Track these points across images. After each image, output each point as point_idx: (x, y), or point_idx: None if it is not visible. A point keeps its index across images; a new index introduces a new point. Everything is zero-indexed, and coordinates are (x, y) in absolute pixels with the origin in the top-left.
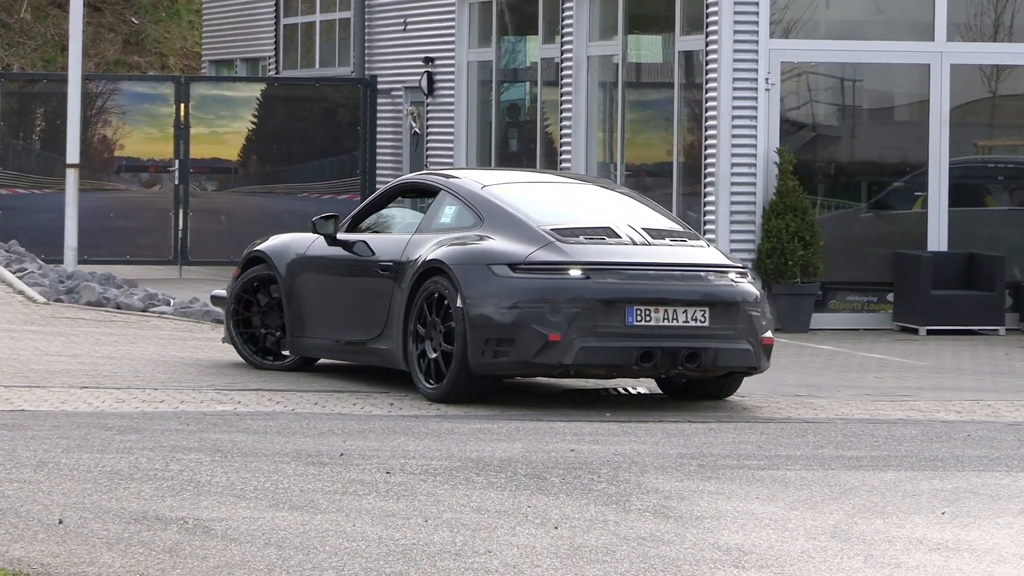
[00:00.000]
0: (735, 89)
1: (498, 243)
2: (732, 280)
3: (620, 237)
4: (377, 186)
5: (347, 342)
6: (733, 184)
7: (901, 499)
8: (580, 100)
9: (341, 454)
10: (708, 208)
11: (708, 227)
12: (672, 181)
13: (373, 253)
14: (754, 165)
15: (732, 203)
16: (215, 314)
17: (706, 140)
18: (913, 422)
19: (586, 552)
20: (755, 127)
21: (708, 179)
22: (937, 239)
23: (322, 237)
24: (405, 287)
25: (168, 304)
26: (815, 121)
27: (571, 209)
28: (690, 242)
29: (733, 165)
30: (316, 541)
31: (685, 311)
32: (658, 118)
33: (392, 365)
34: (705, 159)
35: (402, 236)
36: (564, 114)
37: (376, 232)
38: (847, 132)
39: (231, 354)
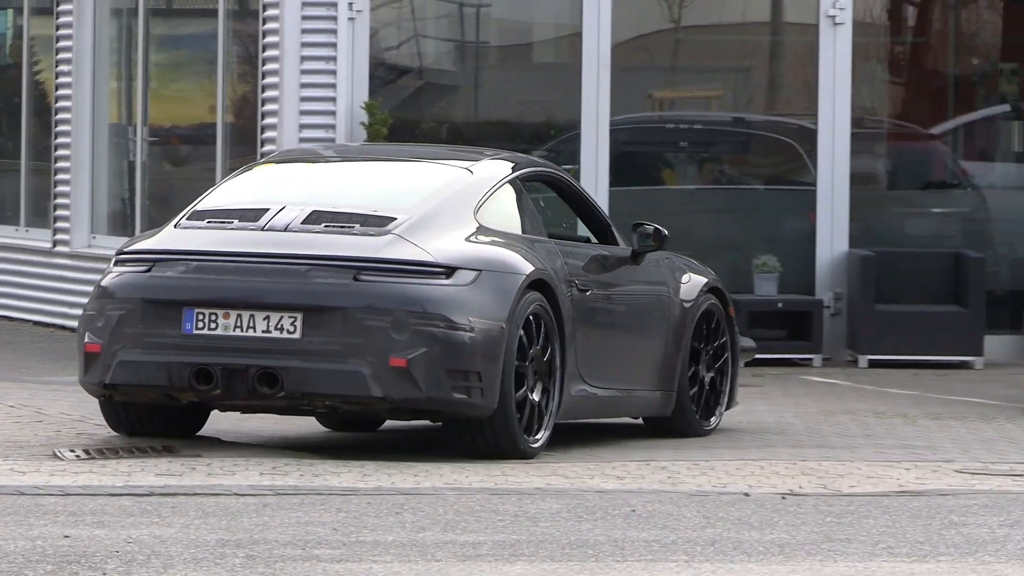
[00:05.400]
0: (305, 18)
1: (144, 234)
2: (362, 279)
3: (257, 221)
4: None
5: None
6: None
7: None
8: (85, 35)
9: None
10: None
11: None
12: (216, 150)
13: None
14: (333, 127)
15: None
16: None
17: (263, 92)
18: (555, 492)
19: None
20: (334, 72)
21: (267, 147)
22: None
23: None
24: None
25: None
26: (422, 65)
27: (273, 186)
28: (361, 228)
29: (303, 127)
30: None
31: (267, 318)
32: (197, 60)
33: None
34: (262, 119)
35: None
36: (61, 55)
37: None
38: (468, 80)
39: None
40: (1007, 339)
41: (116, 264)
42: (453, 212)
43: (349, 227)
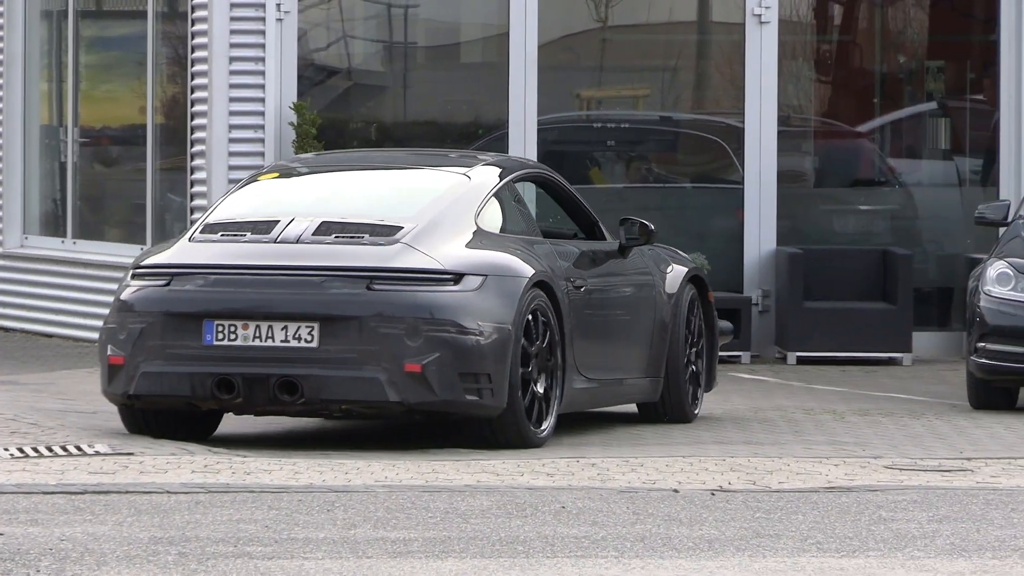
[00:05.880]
0: (233, 19)
1: (158, 247)
2: (375, 288)
3: (269, 233)
4: None
5: None
6: (233, 155)
7: None
8: (15, 37)
9: None
10: (198, 189)
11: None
12: (147, 151)
13: None
14: (262, 127)
15: (231, 181)
16: None
17: (193, 93)
18: (486, 489)
19: None
20: (263, 73)
21: (196, 147)
22: None
23: None
24: None
25: None
26: (351, 65)
27: (279, 198)
28: (370, 238)
29: (232, 128)
30: None
31: (284, 327)
32: (127, 62)
33: None
34: (192, 119)
35: None
36: None
37: None
38: (396, 80)
39: None
40: (935, 335)
41: (134, 278)
42: (455, 218)
43: (359, 237)
